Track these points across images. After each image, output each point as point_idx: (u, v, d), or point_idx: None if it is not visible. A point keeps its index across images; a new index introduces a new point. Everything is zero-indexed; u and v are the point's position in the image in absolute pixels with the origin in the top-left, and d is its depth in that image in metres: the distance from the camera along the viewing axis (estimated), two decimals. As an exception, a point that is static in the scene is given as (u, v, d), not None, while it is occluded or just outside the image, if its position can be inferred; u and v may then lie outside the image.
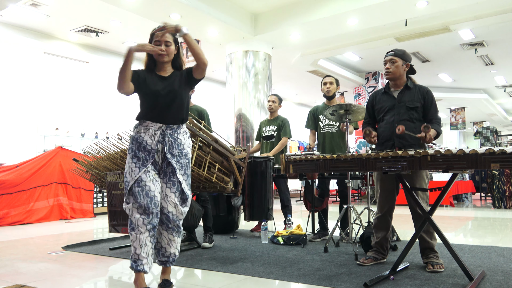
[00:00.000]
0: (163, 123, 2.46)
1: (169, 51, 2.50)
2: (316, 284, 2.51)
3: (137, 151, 2.43)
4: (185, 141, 2.53)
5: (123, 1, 6.42)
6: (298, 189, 10.72)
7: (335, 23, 7.44)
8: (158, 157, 2.46)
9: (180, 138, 2.50)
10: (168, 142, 2.45)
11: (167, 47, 2.48)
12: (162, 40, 2.46)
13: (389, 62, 3.02)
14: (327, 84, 4.37)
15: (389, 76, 3.04)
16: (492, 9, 6.91)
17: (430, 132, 2.71)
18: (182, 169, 2.48)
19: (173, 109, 2.47)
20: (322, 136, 4.39)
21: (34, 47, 8.40)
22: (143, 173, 2.38)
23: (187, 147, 2.53)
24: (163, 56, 2.47)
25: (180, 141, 2.49)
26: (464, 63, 11.25)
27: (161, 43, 2.46)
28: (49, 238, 4.65)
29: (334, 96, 4.40)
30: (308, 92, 13.72)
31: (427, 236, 2.86)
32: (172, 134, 2.47)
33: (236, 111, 8.11)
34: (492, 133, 10.39)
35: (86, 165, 4.44)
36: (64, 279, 2.78)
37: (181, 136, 2.51)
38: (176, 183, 2.45)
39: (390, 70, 3.02)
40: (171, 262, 2.54)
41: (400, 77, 3.03)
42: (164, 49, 2.46)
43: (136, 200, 2.34)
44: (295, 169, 2.71)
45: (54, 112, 8.71)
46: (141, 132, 2.46)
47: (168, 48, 2.49)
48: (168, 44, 2.48)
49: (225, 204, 4.83)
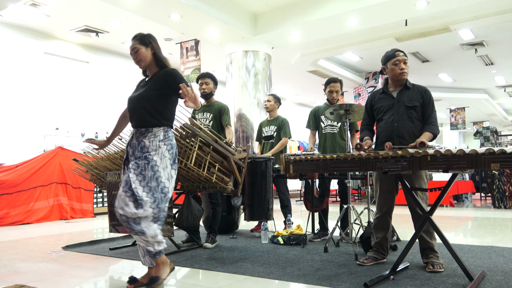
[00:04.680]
0: (134, 127, 2.55)
1: (139, 55, 2.55)
2: (316, 284, 2.51)
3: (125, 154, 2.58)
4: (151, 144, 2.46)
5: (123, 1, 6.42)
6: (298, 189, 10.72)
7: (335, 23, 7.43)
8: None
9: (144, 141, 2.47)
10: (133, 145, 2.50)
11: (136, 53, 2.55)
12: (131, 50, 2.57)
13: (403, 62, 2.99)
14: (333, 93, 4.32)
15: (405, 77, 3.02)
16: (492, 9, 6.90)
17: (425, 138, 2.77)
18: (138, 168, 2.40)
19: (139, 113, 2.51)
20: (323, 136, 4.39)
21: (34, 47, 8.40)
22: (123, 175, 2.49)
23: (152, 151, 2.44)
24: (138, 63, 2.58)
25: (144, 144, 2.46)
26: (464, 63, 11.25)
27: (132, 54, 2.58)
28: (49, 238, 4.65)
29: (338, 101, 4.41)
30: (308, 92, 13.72)
31: (427, 236, 2.86)
32: (138, 137, 2.49)
33: (236, 111, 8.10)
34: (492, 133, 10.39)
35: (86, 165, 4.44)
36: (64, 279, 2.78)
37: (146, 139, 2.47)
38: (128, 182, 2.37)
39: (405, 71, 3.00)
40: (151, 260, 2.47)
41: None
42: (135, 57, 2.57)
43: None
44: (295, 169, 2.71)
45: (54, 112, 8.70)
46: None
47: (137, 53, 2.55)
48: (135, 50, 2.55)
49: (225, 204, 4.82)
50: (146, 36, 2.60)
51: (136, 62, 2.58)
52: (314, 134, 4.52)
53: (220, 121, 4.29)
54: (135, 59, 2.57)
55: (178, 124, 3.25)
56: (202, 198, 4.32)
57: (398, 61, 2.99)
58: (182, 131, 3.29)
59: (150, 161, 2.42)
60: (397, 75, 3.01)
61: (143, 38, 2.58)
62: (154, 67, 2.61)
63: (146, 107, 2.49)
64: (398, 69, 2.99)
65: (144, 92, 2.53)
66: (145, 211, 2.36)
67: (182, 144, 3.29)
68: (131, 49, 2.58)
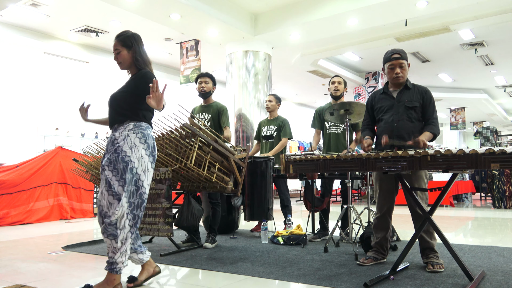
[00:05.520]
0: (110, 127, 2.57)
1: (120, 57, 2.54)
2: (316, 284, 2.51)
3: None
4: (120, 135, 2.43)
5: (123, 1, 6.42)
6: (298, 189, 10.72)
7: (335, 23, 7.43)
8: None
9: (115, 135, 2.46)
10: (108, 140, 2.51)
11: (117, 55, 2.55)
12: (113, 49, 2.57)
13: (399, 67, 2.97)
14: (335, 83, 4.33)
15: (400, 81, 2.99)
16: (492, 9, 6.91)
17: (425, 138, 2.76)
18: (110, 164, 2.37)
19: (113, 112, 2.52)
20: (327, 136, 4.39)
21: (34, 47, 8.40)
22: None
23: (122, 144, 2.39)
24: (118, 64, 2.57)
25: (114, 137, 2.45)
26: (464, 63, 11.25)
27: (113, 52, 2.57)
28: (49, 238, 4.65)
29: (341, 96, 4.36)
30: (308, 92, 13.72)
31: (427, 236, 2.86)
32: (113, 133, 2.50)
33: (236, 111, 8.10)
34: (492, 133, 10.39)
35: (86, 165, 4.44)
36: (64, 279, 2.78)
37: (118, 133, 2.45)
38: (107, 180, 2.35)
39: (401, 75, 2.97)
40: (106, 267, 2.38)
41: None
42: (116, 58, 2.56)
43: None
44: (295, 169, 2.71)
45: (54, 112, 8.70)
46: None
47: (119, 55, 2.54)
48: (117, 52, 2.54)
49: (225, 204, 4.82)
50: (130, 38, 2.55)
51: (117, 63, 2.58)
52: (318, 133, 4.51)
53: (218, 122, 4.27)
54: (116, 59, 2.57)
55: (178, 124, 3.25)
56: (202, 198, 4.32)
57: (393, 65, 2.98)
58: (182, 131, 3.29)
59: (120, 153, 2.38)
60: (392, 79, 3.02)
61: (125, 40, 2.54)
62: (134, 68, 2.59)
63: (115, 107, 2.51)
64: (393, 74, 2.98)
65: (116, 92, 2.57)
66: (120, 206, 2.31)
67: (182, 144, 3.29)
68: (113, 49, 2.56)
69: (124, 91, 2.53)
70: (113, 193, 2.32)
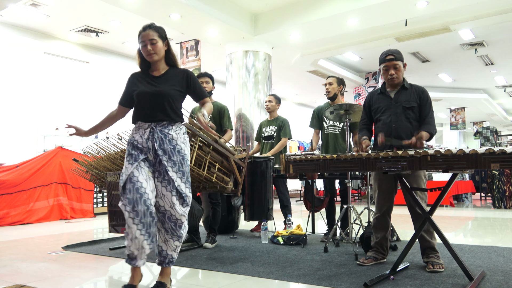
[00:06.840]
0: (152, 122, 2.42)
1: (156, 49, 2.43)
2: (316, 284, 2.51)
3: (131, 150, 2.41)
4: (178, 136, 2.42)
5: (123, 1, 6.42)
6: (298, 189, 10.72)
7: (335, 23, 7.43)
8: (151, 156, 2.38)
9: (171, 134, 2.40)
10: (158, 138, 2.37)
11: (153, 45, 2.42)
12: (147, 40, 2.41)
13: (393, 68, 2.98)
14: (326, 85, 4.37)
15: (395, 82, 3.00)
16: (492, 9, 6.91)
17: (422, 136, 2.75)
18: (175, 166, 2.36)
19: (161, 108, 2.41)
20: (325, 136, 4.38)
21: (34, 47, 8.40)
22: (135, 169, 2.32)
23: (181, 143, 2.41)
24: (151, 55, 2.43)
25: (172, 137, 2.40)
26: (464, 63, 11.25)
27: (146, 43, 2.41)
28: (49, 238, 4.65)
29: (335, 96, 4.35)
30: (308, 92, 13.72)
31: (427, 236, 2.86)
32: (162, 131, 2.39)
33: (236, 111, 8.10)
34: (492, 133, 10.39)
35: (86, 165, 4.43)
36: (64, 279, 2.78)
37: (172, 131, 2.41)
38: (171, 181, 2.33)
39: (395, 76, 2.98)
40: (167, 263, 2.42)
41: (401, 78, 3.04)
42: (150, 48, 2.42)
43: (126, 196, 2.26)
44: (295, 169, 2.71)
45: (54, 112, 8.70)
46: (133, 133, 2.46)
47: (155, 46, 2.42)
48: (154, 42, 2.41)
49: (225, 204, 4.82)
50: (163, 30, 2.49)
51: (148, 54, 2.43)
52: (317, 133, 4.51)
53: (219, 122, 4.26)
54: (149, 50, 2.41)
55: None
56: (202, 198, 4.32)
57: (387, 66, 2.99)
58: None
59: (184, 155, 2.42)
60: (386, 80, 3.04)
61: (161, 31, 2.46)
62: (162, 63, 2.52)
63: (170, 102, 2.42)
64: (388, 75, 3.00)
65: (166, 87, 2.44)
66: (187, 206, 2.39)
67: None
68: (148, 39, 2.40)
69: (177, 90, 2.47)
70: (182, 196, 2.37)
